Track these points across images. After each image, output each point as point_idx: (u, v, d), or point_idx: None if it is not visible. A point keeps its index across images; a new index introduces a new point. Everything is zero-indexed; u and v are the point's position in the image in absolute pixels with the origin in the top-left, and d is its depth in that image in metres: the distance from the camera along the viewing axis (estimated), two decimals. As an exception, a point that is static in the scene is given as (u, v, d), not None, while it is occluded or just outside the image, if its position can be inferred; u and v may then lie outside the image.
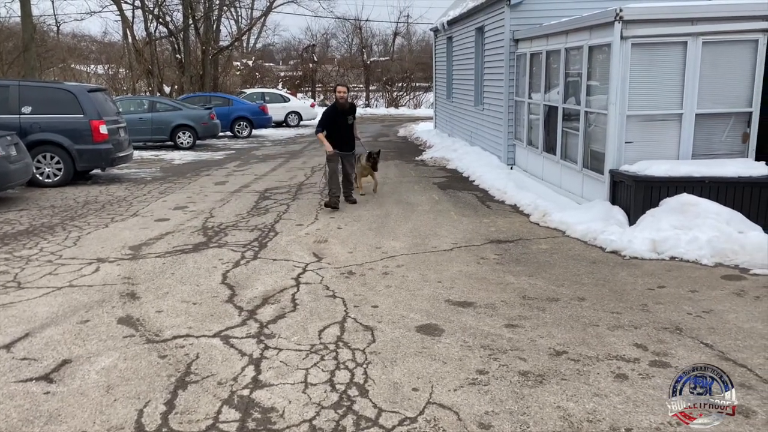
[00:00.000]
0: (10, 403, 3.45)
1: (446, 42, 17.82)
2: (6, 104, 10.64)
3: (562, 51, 8.97)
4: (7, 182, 9.02)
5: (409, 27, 43.50)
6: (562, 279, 5.61)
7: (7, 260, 6.25)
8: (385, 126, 25.71)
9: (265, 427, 3.23)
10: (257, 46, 43.07)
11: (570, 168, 8.82)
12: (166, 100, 19.65)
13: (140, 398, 3.51)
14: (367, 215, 8.35)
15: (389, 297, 5.17)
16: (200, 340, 4.32)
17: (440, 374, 3.78)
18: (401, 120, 28.96)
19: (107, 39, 35.81)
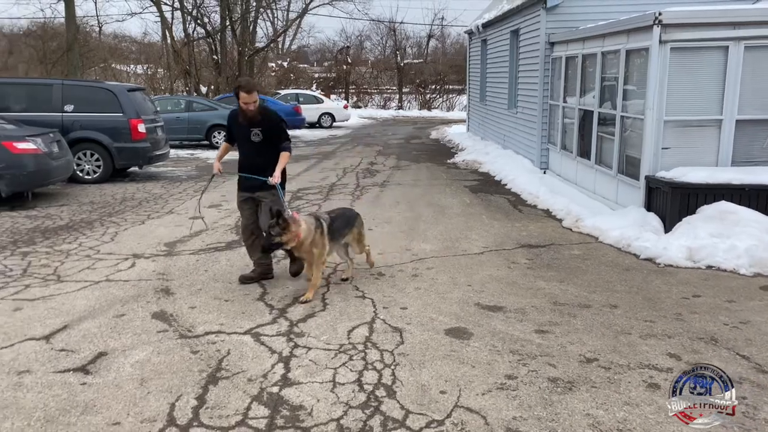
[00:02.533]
0: (49, 393, 3.56)
1: (480, 45, 17.73)
2: (50, 102, 10.97)
3: (598, 55, 8.85)
4: (49, 178, 9.30)
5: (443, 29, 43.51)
6: (594, 285, 5.54)
7: (48, 254, 6.44)
8: (417, 128, 25.70)
9: (293, 424, 3.26)
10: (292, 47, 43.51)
11: (604, 173, 8.69)
12: (203, 100, 19.98)
13: (172, 392, 3.59)
14: (397, 217, 8.36)
15: (418, 299, 5.17)
16: (231, 336, 4.39)
17: (468, 378, 3.77)
18: (433, 122, 28.92)
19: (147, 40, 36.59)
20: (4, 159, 8.54)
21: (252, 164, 5.48)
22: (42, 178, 9.14)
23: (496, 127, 15.64)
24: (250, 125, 5.42)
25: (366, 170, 13.05)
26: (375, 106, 39.10)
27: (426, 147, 18.19)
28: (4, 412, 3.34)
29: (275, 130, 5.48)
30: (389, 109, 38.19)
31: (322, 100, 27.02)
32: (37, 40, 27.12)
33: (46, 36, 27.08)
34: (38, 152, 8.88)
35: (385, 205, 9.20)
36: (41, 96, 11.12)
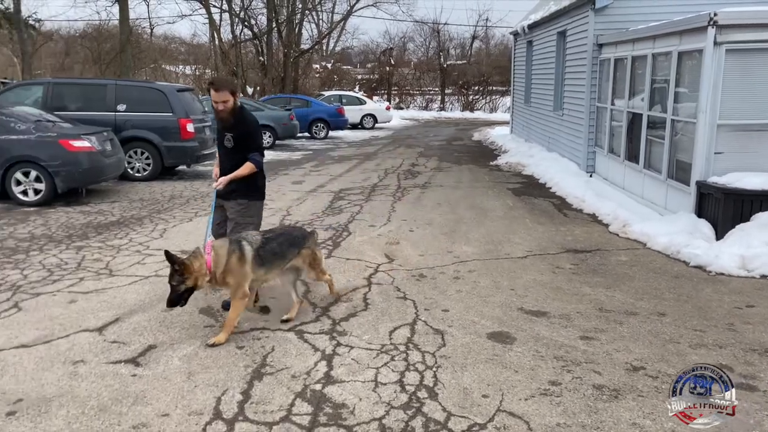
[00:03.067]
0: (102, 383, 3.69)
1: (526, 46, 17.54)
2: (103, 102, 11.35)
3: (648, 56, 8.64)
4: (101, 175, 9.62)
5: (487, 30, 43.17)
6: (641, 292, 5.41)
7: (100, 249, 6.67)
8: (459, 130, 25.58)
9: (336, 422, 3.30)
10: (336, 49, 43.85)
11: (653, 178, 8.48)
12: (249, 101, 20.35)
13: (218, 386, 3.67)
14: (439, 219, 8.35)
15: (460, 302, 5.15)
16: (276, 333, 4.46)
17: (511, 382, 3.74)
18: (476, 124, 28.73)
19: (195, 41, 37.48)
20: (61, 156, 8.87)
21: (222, 170, 4.99)
22: (95, 175, 9.46)
23: (540, 129, 15.44)
24: (224, 129, 4.93)
25: (407, 171, 13.06)
26: (417, 107, 39.08)
27: (468, 149, 18.08)
28: (60, 400, 3.48)
29: (246, 138, 4.88)
30: (431, 110, 38.13)
31: (364, 102, 27.17)
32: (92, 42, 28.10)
33: (101, 38, 28.02)
34: (92, 150, 9.19)
35: (426, 207, 9.19)
36: (95, 96, 11.51)
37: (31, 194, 8.91)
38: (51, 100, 11.24)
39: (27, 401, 3.46)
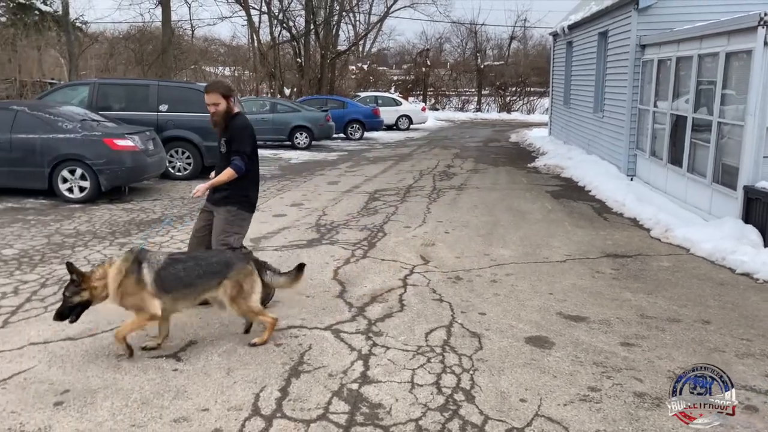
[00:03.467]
0: (144, 376, 3.78)
1: (566, 47, 17.30)
2: (146, 102, 11.62)
3: (694, 57, 8.43)
4: (144, 174, 9.85)
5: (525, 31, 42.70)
6: (684, 299, 5.28)
7: (143, 245, 6.82)
8: (496, 131, 25.37)
9: (372, 422, 3.31)
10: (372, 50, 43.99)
11: (697, 182, 8.27)
12: (286, 102, 20.56)
13: (257, 383, 3.71)
14: (475, 221, 8.29)
15: (497, 305, 5.11)
16: (313, 331, 4.50)
17: (549, 387, 3.69)
18: (513, 125, 28.45)
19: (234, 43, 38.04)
20: (105, 155, 9.11)
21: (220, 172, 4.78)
22: (138, 174, 9.70)
23: (579, 131, 15.20)
24: (221, 133, 4.76)
25: (443, 173, 13.01)
26: (453, 108, 38.92)
27: (505, 150, 17.92)
28: (105, 392, 3.57)
29: (232, 141, 4.68)
30: (467, 111, 37.92)
31: (400, 103, 27.17)
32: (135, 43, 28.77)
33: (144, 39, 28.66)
34: (135, 149, 9.42)
35: (462, 209, 9.14)
36: (139, 96, 11.79)
37: (77, 191, 9.17)
38: (96, 100, 11.55)
39: (73, 392, 3.57)
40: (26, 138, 9.10)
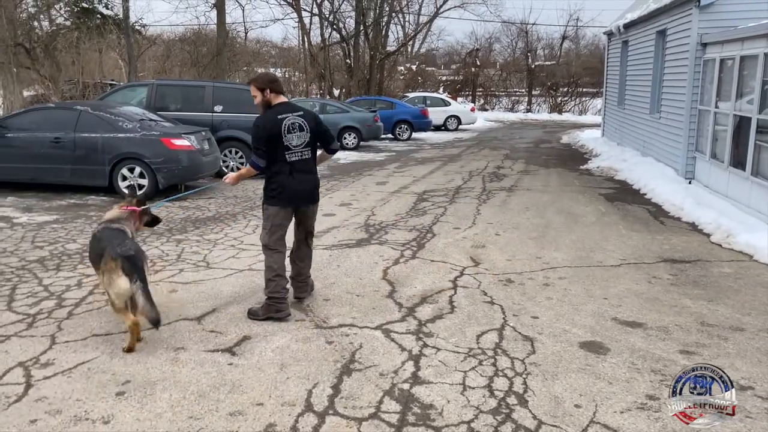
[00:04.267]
0: (201, 370, 3.88)
1: (621, 46, 16.86)
2: (201, 103, 11.93)
3: (760, 56, 8.08)
4: (199, 173, 10.12)
5: (578, 30, 41.85)
6: (748, 307, 5.07)
7: (198, 242, 7.00)
8: (546, 132, 24.95)
9: (424, 422, 3.30)
10: (421, 50, 43.92)
11: (762, 185, 7.92)
12: (335, 103, 20.75)
13: (309, 379, 3.76)
14: (526, 223, 8.17)
15: (550, 309, 5.02)
16: (363, 330, 4.52)
17: (605, 394, 3.61)
18: (564, 126, 27.92)
19: (286, 44, 38.66)
20: (163, 154, 9.40)
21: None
22: (194, 173, 9.96)
23: (634, 132, 14.79)
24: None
25: (492, 174, 12.88)
26: (502, 108, 38.48)
27: (556, 152, 17.61)
28: (163, 384, 3.68)
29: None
30: (517, 111, 37.43)
31: (449, 103, 27.03)
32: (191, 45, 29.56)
33: (199, 41, 29.44)
34: (191, 149, 9.68)
35: (513, 211, 9.03)
36: (194, 97, 12.11)
37: (136, 189, 9.49)
38: (154, 100, 11.93)
39: (134, 383, 3.69)
40: (89, 137, 9.48)
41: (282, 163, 4.65)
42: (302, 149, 4.70)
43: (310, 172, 4.80)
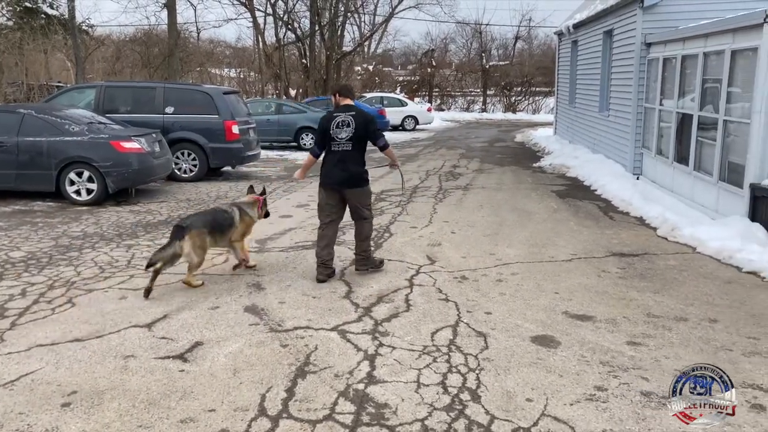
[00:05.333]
0: (151, 377, 3.80)
1: (571, 46, 17.26)
2: (152, 105, 11.67)
3: (699, 55, 8.39)
4: (150, 176, 9.90)
5: (530, 31, 42.63)
6: (691, 298, 5.26)
7: (149, 247, 6.85)
8: (501, 131, 25.34)
9: (378, 422, 3.31)
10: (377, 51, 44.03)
11: (704, 180, 8.23)
12: (292, 103, 20.61)
13: (263, 383, 3.73)
14: (481, 221, 8.29)
15: (503, 305, 5.10)
16: (319, 332, 4.50)
17: (556, 387, 3.69)
18: (519, 125, 28.41)
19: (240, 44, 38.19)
20: (112, 157, 9.16)
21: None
22: (145, 176, 9.74)
23: (585, 130, 15.16)
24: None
25: (449, 173, 13.00)
26: (458, 108, 38.89)
27: (510, 150, 17.90)
28: (112, 393, 3.59)
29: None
30: (473, 111, 37.88)
31: (405, 103, 27.18)
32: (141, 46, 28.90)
33: (150, 42, 28.80)
34: (142, 151, 9.46)
35: (468, 209, 9.14)
36: (145, 98, 11.85)
37: (84, 194, 9.23)
38: (103, 103, 11.61)
39: (81, 393, 3.59)
40: (33, 141, 9.17)
41: (328, 152, 5.69)
42: (345, 142, 5.61)
43: (349, 161, 5.64)
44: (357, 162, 5.69)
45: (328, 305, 5.07)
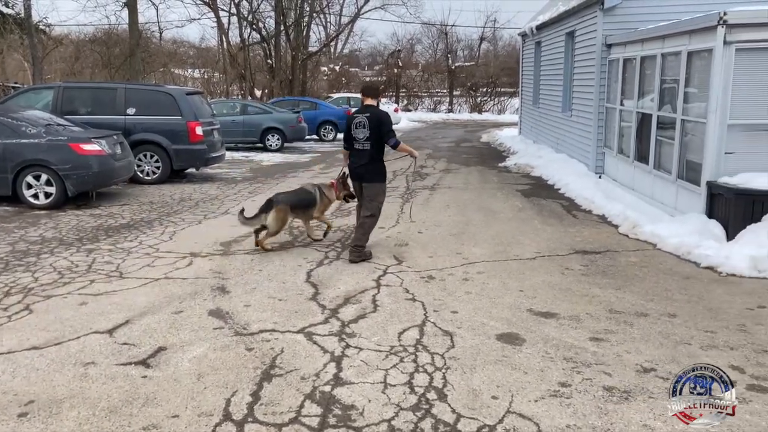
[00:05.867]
0: (112, 384, 3.71)
1: (534, 47, 17.50)
2: (113, 106, 11.42)
3: (658, 56, 8.60)
4: (112, 178, 9.68)
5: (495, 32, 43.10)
6: (651, 294, 5.38)
7: (110, 251, 6.71)
8: (468, 131, 25.55)
9: (345, 423, 3.30)
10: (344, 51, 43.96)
11: (663, 178, 8.44)
12: (257, 104, 20.40)
13: (228, 388, 3.68)
14: (447, 221, 8.34)
15: (469, 303, 5.14)
16: (285, 335, 4.47)
17: (520, 384, 3.73)
18: (485, 125, 28.68)
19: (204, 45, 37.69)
20: (71, 160, 8.93)
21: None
22: (106, 179, 9.52)
23: (549, 130, 15.40)
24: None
25: (416, 173, 13.05)
26: (425, 109, 39.10)
27: (476, 150, 18.06)
28: (71, 401, 3.50)
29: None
30: (439, 112, 38.13)
31: (373, 104, 27.12)
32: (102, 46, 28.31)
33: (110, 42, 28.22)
34: (102, 153, 9.25)
35: (435, 209, 9.19)
36: (105, 99, 11.59)
37: (42, 198, 8.98)
38: (61, 104, 11.32)
39: (38, 403, 3.49)
40: (-12, 143, 8.88)
41: (352, 149, 6.45)
42: (364, 141, 6.35)
43: (366, 159, 6.37)
44: (373, 159, 6.40)
45: (294, 307, 5.04)
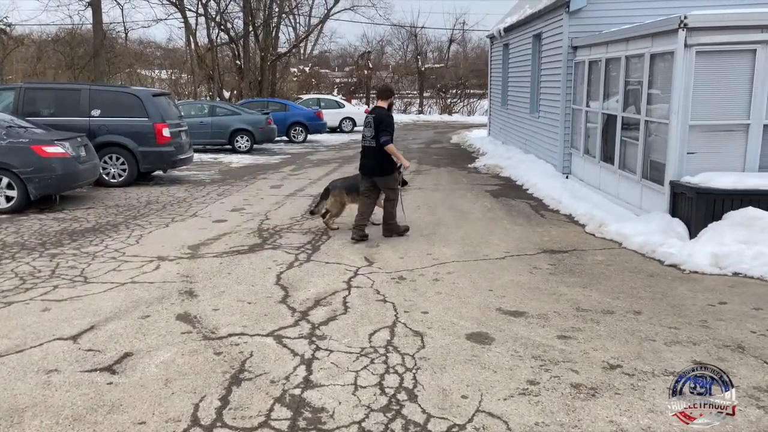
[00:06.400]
0: (76, 392, 3.63)
1: (502, 49, 17.69)
2: (77, 107, 11.18)
3: (622, 59, 8.77)
4: (76, 181, 9.47)
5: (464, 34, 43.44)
6: (617, 291, 5.49)
7: (75, 256, 6.56)
8: (437, 133, 25.69)
9: (315, 426, 3.28)
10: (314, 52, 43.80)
11: (628, 178, 8.61)
12: (226, 105, 20.19)
13: (196, 393, 3.63)
14: (418, 221, 8.37)
15: (439, 303, 5.17)
16: (254, 338, 4.43)
17: (490, 383, 3.76)
18: (454, 127, 28.87)
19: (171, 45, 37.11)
20: (33, 163, 8.72)
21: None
22: (70, 182, 9.31)
23: (517, 131, 15.58)
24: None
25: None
26: (395, 110, 39.16)
27: (446, 151, 18.17)
28: (33, 410, 3.42)
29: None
30: (410, 113, 38.24)
31: (343, 105, 27.13)
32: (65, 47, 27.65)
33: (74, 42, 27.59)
34: (66, 156, 9.05)
35: (406, 209, 9.19)
36: (69, 101, 11.34)
37: (3, 201, 8.75)
38: (23, 105, 11.04)
39: (-1, 412, 3.39)
40: (-55, 146, 8.61)
41: (362, 146, 7.32)
42: (370, 139, 7.13)
43: (372, 155, 7.17)
44: (379, 155, 7.08)
45: (263, 311, 5.00)
